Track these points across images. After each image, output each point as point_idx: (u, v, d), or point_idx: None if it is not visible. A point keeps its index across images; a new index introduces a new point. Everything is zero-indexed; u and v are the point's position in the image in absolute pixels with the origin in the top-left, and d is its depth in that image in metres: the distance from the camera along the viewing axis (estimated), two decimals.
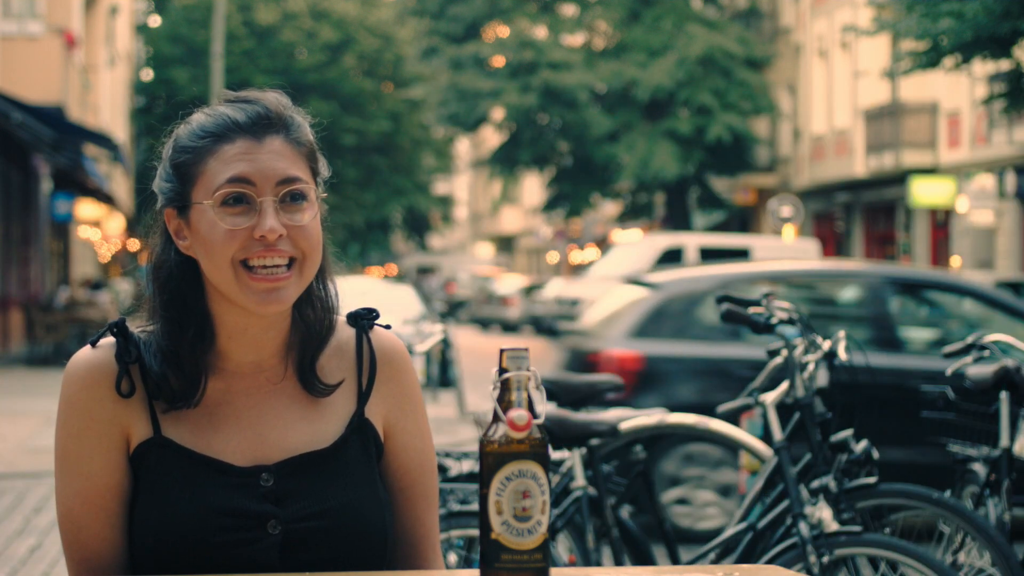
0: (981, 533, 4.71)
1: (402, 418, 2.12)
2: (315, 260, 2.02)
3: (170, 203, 2.03)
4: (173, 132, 2.07)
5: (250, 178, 1.98)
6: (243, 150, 1.99)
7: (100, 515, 2.00)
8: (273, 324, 2.04)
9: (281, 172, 1.99)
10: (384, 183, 48.15)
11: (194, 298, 2.02)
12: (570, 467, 4.88)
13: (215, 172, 1.99)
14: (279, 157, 2.00)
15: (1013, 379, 5.14)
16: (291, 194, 1.99)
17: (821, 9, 36.74)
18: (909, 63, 21.02)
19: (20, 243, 26.66)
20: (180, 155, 2.02)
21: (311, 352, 2.07)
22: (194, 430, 2.01)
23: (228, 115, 2.02)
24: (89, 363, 2.02)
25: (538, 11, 39.16)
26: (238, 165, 1.98)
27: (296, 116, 2.06)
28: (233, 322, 2.03)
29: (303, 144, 2.04)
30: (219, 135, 2.01)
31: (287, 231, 1.97)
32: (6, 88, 21.94)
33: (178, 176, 2.02)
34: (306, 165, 2.04)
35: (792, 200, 33.64)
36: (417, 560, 2.13)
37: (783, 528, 4.73)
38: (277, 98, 2.06)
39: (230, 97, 2.07)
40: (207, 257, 1.99)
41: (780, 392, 4.84)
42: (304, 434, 2.04)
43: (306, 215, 2.00)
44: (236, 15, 45.19)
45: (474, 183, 79.99)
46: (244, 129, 2.01)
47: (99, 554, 2.01)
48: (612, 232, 46.53)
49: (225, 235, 1.96)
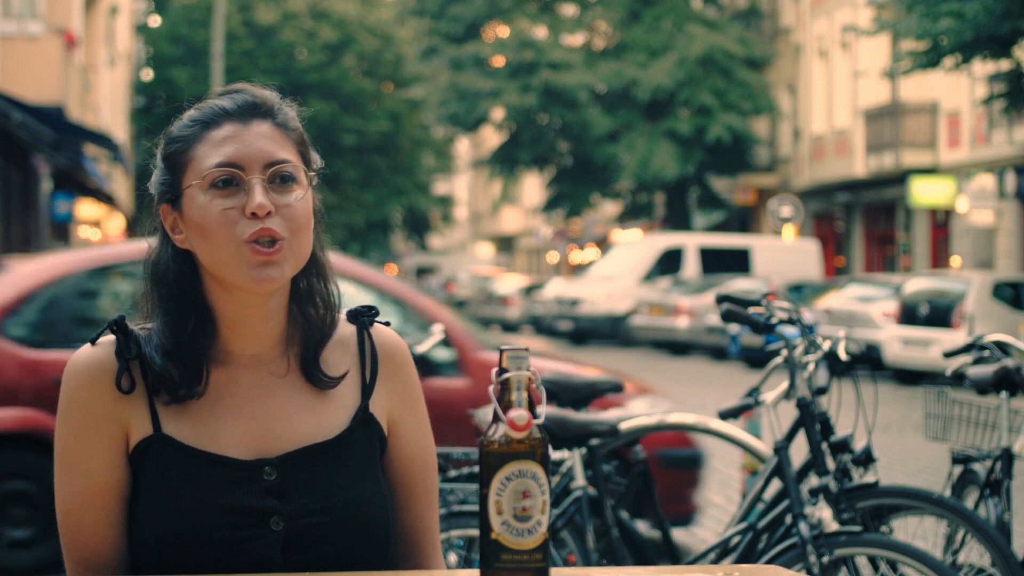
0: (981, 533, 4.71)
1: (405, 414, 2.13)
2: (304, 240, 2.02)
3: (163, 197, 2.05)
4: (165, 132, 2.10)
5: (238, 162, 2.00)
6: (230, 133, 2.02)
7: (99, 514, 2.00)
8: (271, 315, 2.05)
9: (269, 154, 2.01)
10: (384, 183, 48.18)
11: (192, 291, 2.03)
12: (570, 467, 4.89)
13: (204, 156, 2.01)
14: (266, 140, 2.02)
15: (1013, 379, 5.14)
16: (280, 175, 2.01)
17: (821, 9, 36.75)
18: (909, 63, 21.05)
19: (20, 243, 26.67)
20: (170, 146, 2.05)
21: (314, 346, 2.08)
22: (195, 425, 2.01)
23: (216, 104, 2.06)
24: (89, 361, 2.02)
25: (538, 11, 39.17)
26: (226, 148, 2.00)
27: (284, 106, 2.09)
28: (232, 312, 2.03)
29: (291, 130, 2.07)
30: (207, 122, 2.03)
31: (275, 210, 1.98)
32: (6, 88, 21.95)
33: (169, 167, 2.05)
34: (295, 149, 2.05)
35: (792, 200, 33.67)
36: (418, 556, 2.14)
37: (783, 528, 4.73)
38: (266, 90, 2.09)
39: (220, 91, 2.10)
40: (203, 240, 2.00)
41: (780, 392, 4.84)
42: (308, 427, 2.05)
43: (294, 195, 2.01)
44: (236, 15, 45.22)
45: (474, 183, 80.00)
46: (231, 114, 2.04)
47: (97, 553, 2.01)
48: (612, 232, 46.55)
49: (219, 216, 1.98)
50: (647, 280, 30.84)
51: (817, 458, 4.67)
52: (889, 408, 15.58)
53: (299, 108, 2.12)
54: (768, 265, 29.99)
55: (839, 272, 35.99)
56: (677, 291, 28.70)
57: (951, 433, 5.55)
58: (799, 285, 26.10)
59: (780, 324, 4.83)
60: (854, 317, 21.47)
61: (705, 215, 42.13)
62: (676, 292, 28.59)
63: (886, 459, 10.93)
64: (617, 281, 31.05)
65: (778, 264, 29.91)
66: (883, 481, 4.77)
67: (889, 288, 21.97)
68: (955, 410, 5.55)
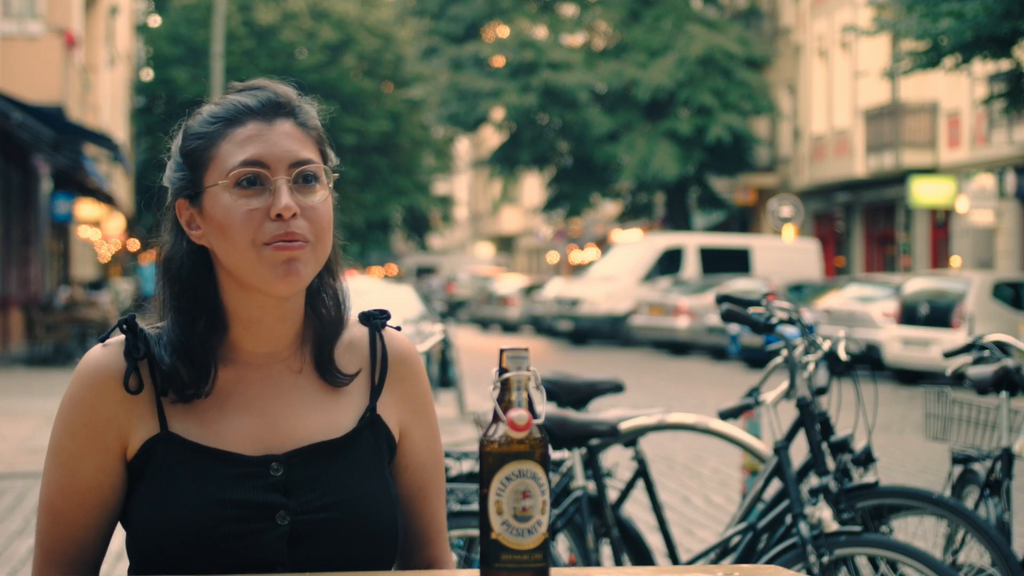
0: (981, 533, 4.71)
1: (416, 419, 2.14)
2: (327, 242, 2.03)
3: (181, 192, 2.03)
4: (182, 126, 2.08)
5: (263, 160, 1.99)
6: (255, 132, 2.01)
7: (77, 513, 2.02)
8: (287, 315, 2.05)
9: (294, 154, 2.01)
10: (384, 183, 48.19)
11: (206, 289, 2.03)
12: (570, 467, 4.89)
13: (228, 154, 2.00)
14: (290, 139, 2.02)
15: (1013, 379, 5.14)
16: (303, 175, 2.01)
17: (821, 9, 36.75)
18: (909, 63, 21.05)
19: (20, 243, 26.66)
20: (191, 142, 2.03)
21: (328, 343, 2.08)
22: (202, 422, 2.02)
23: (238, 100, 2.05)
24: (97, 363, 2.02)
25: (538, 11, 39.17)
26: (251, 147, 2.00)
27: (304, 104, 2.09)
28: (248, 312, 2.03)
29: (312, 128, 2.07)
30: (230, 119, 2.02)
31: (301, 212, 1.98)
32: (6, 88, 21.95)
33: (189, 164, 2.03)
34: (316, 148, 2.05)
35: (792, 200, 33.65)
36: (432, 552, 2.16)
37: (783, 528, 4.73)
38: (285, 87, 2.09)
39: (239, 86, 2.09)
40: (224, 240, 1.99)
41: (780, 392, 4.85)
42: (316, 424, 2.05)
43: (318, 196, 2.01)
44: (236, 15, 45.22)
45: (474, 183, 80.00)
46: (255, 112, 2.03)
47: (67, 550, 2.03)
48: (612, 232, 46.55)
49: (243, 216, 1.97)
50: (647, 280, 30.84)
51: (817, 458, 4.67)
52: (889, 408, 15.58)
53: (319, 107, 2.12)
54: (768, 265, 30.00)
55: (839, 272, 36.00)
56: (677, 291, 28.70)
57: (951, 433, 5.55)
58: (799, 285, 26.10)
59: (780, 324, 4.83)
60: (854, 317, 21.47)
61: (705, 215, 42.13)
62: (676, 292, 28.59)
63: (886, 459, 10.93)
64: (617, 281, 31.06)
65: (778, 264, 29.92)
66: (883, 481, 4.77)
67: (889, 288, 21.97)
68: (955, 410, 5.56)
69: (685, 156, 36.80)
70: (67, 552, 2.03)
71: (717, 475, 10.74)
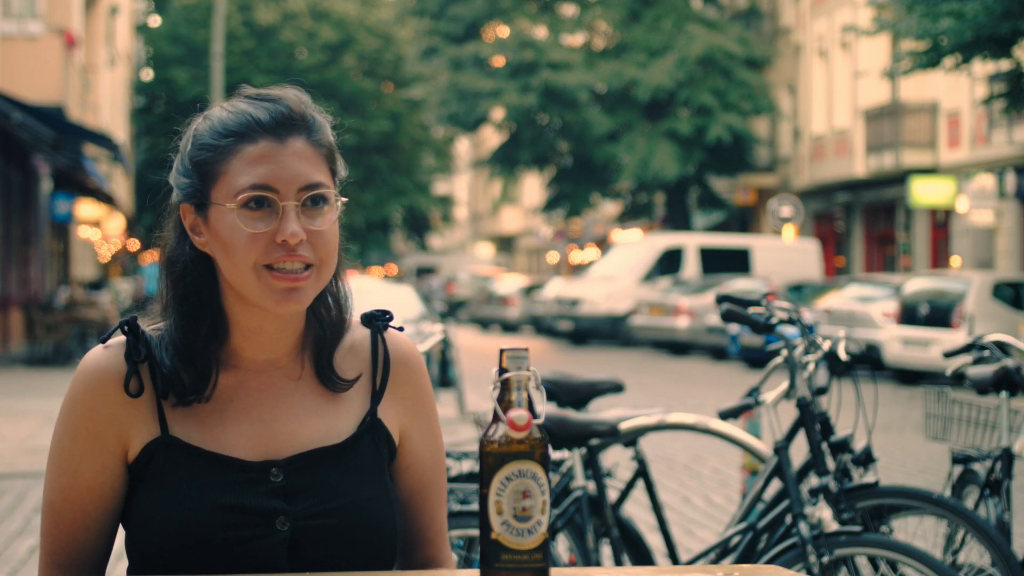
0: (981, 533, 4.70)
1: (417, 420, 2.13)
2: (331, 265, 2.02)
3: (188, 199, 2.02)
4: (192, 124, 2.05)
5: (272, 184, 1.96)
6: (266, 151, 1.98)
7: (79, 515, 2.02)
8: (288, 324, 2.04)
9: (304, 178, 1.98)
10: (384, 183, 48.18)
11: (209, 294, 2.02)
12: (570, 467, 4.89)
13: (237, 173, 1.98)
14: (302, 160, 1.99)
15: (1013, 379, 5.14)
16: (312, 199, 1.99)
17: (821, 9, 36.75)
18: (909, 63, 21.05)
19: (20, 243, 26.67)
20: (201, 152, 2.01)
21: (328, 349, 2.08)
22: (203, 427, 2.02)
23: (251, 113, 2.01)
24: (98, 364, 2.02)
25: (538, 11, 39.16)
26: (261, 168, 1.97)
27: (318, 116, 2.06)
28: (248, 321, 2.03)
29: (324, 145, 2.04)
30: (241, 134, 1.99)
31: (307, 236, 1.97)
32: (6, 88, 21.95)
33: (198, 173, 2.01)
34: (326, 167, 2.03)
35: (792, 200, 33.65)
36: (432, 552, 2.16)
37: (783, 528, 4.73)
38: (299, 96, 2.05)
39: (251, 94, 2.05)
40: (227, 258, 1.98)
41: (780, 392, 4.85)
42: (316, 430, 2.05)
43: (326, 219, 2.00)
44: (236, 15, 45.21)
45: (474, 183, 79.99)
46: (267, 129, 1.99)
47: (70, 551, 2.03)
48: (612, 232, 46.55)
49: (247, 239, 1.96)
50: (647, 280, 30.84)
51: (817, 458, 4.67)
52: (889, 408, 15.57)
53: (332, 119, 2.09)
54: (768, 265, 30.00)
55: (839, 272, 35.99)
56: (677, 291, 28.70)
57: (951, 433, 5.55)
58: (799, 285, 26.10)
59: (780, 324, 4.83)
60: (854, 317, 21.47)
61: (705, 215, 42.13)
62: (676, 292, 28.59)
63: (886, 459, 10.93)
64: (617, 281, 31.05)
65: (778, 264, 29.91)
66: (883, 481, 4.77)
67: (889, 288, 21.97)
68: (955, 410, 5.55)
69: (685, 156, 36.80)
70: (70, 554, 2.04)
71: (717, 475, 10.74)
